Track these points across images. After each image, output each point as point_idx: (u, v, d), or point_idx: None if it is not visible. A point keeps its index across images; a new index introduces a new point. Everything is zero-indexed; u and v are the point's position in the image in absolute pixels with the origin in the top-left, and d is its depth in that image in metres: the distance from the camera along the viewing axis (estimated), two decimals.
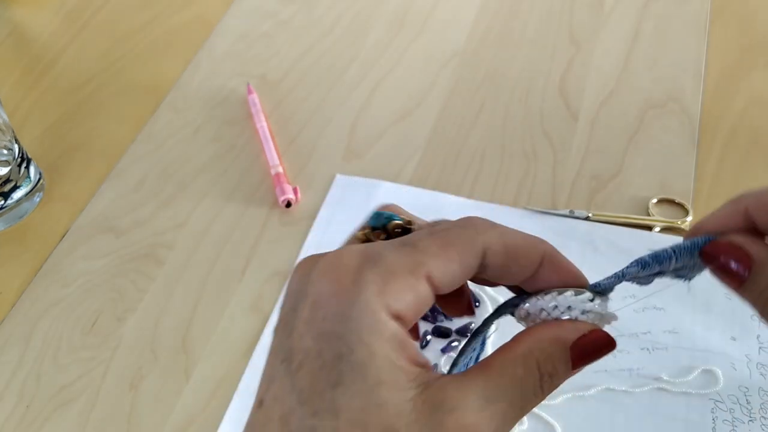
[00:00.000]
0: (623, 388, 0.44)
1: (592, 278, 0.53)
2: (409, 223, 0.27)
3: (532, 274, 0.26)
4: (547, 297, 0.26)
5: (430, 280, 0.23)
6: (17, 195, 0.56)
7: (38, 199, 0.58)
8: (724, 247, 0.26)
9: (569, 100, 0.62)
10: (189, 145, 0.61)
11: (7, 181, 0.55)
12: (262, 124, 0.61)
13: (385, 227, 0.27)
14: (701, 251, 0.27)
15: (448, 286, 0.24)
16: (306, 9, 0.72)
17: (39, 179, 0.58)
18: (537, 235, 0.27)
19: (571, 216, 0.53)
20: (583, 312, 0.26)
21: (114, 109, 0.65)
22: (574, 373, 0.25)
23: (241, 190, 0.58)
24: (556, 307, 0.26)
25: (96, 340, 0.50)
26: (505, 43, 0.68)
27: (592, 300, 0.26)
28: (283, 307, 0.24)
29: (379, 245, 0.24)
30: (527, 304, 0.26)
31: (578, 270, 0.27)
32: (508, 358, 0.24)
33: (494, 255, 0.25)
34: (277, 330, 0.24)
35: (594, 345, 0.25)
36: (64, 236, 0.56)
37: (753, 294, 0.25)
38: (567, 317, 0.25)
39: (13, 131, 0.56)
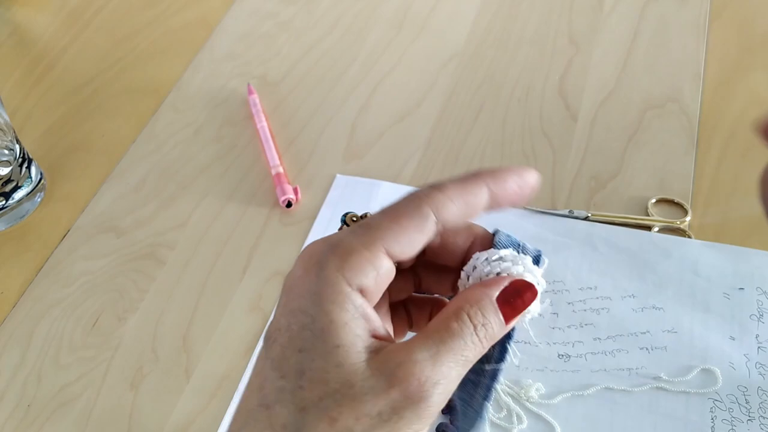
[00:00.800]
0: (622, 388, 0.45)
1: (595, 279, 0.53)
2: (365, 215, 0.31)
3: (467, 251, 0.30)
4: (470, 262, 0.29)
5: (388, 251, 0.26)
6: (18, 195, 0.56)
7: (39, 199, 0.58)
8: None
9: (569, 100, 0.62)
10: (190, 145, 0.61)
11: (9, 181, 0.55)
12: (263, 125, 0.61)
13: (345, 222, 0.31)
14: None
15: (408, 252, 0.27)
16: (306, 10, 0.73)
17: (40, 179, 0.58)
18: (533, 235, 0.29)
19: (571, 216, 0.54)
20: (501, 270, 0.29)
21: (115, 109, 0.65)
22: (509, 326, 0.27)
23: (242, 190, 0.58)
24: (474, 268, 0.29)
25: (97, 339, 0.50)
26: (505, 43, 0.68)
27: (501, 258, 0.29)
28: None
29: (341, 233, 0.27)
30: (460, 281, 0.29)
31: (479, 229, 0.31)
32: (441, 316, 0.26)
33: (445, 210, 0.27)
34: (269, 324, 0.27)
35: (515, 292, 0.27)
36: (65, 236, 0.56)
37: None
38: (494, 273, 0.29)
39: (15, 131, 0.57)
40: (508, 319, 0.27)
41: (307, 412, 0.24)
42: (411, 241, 0.26)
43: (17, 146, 0.56)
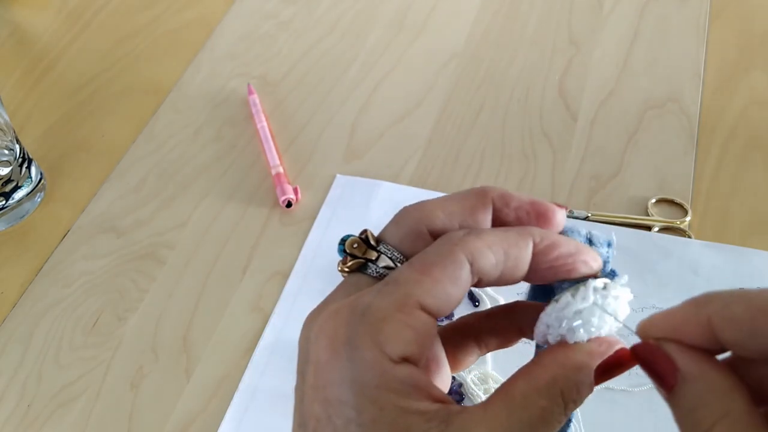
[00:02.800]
0: (622, 388, 0.45)
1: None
2: (364, 232, 0.26)
3: (530, 268, 0.24)
4: (551, 311, 0.24)
5: (424, 308, 0.23)
6: (18, 195, 0.56)
7: (39, 199, 0.58)
8: (650, 351, 0.23)
9: (569, 100, 0.62)
10: (190, 145, 0.61)
11: (9, 181, 0.55)
12: (263, 125, 0.61)
13: (344, 251, 0.26)
14: (632, 348, 0.24)
15: (446, 307, 0.23)
16: (306, 10, 0.73)
17: (40, 179, 0.58)
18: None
19: (571, 216, 0.54)
20: (592, 324, 0.24)
21: (115, 109, 0.65)
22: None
23: (242, 190, 0.58)
24: (563, 319, 0.24)
25: (97, 339, 0.50)
26: (505, 43, 0.68)
27: (598, 292, 0.25)
28: (298, 362, 0.24)
29: (365, 294, 0.23)
30: (537, 329, 0.25)
31: (578, 248, 0.25)
32: (531, 388, 0.23)
33: (482, 258, 0.23)
34: (296, 390, 0.24)
35: (617, 365, 0.24)
36: (65, 236, 0.56)
37: (679, 410, 0.22)
38: (581, 329, 0.24)
39: (15, 131, 0.57)
40: (597, 383, 0.24)
41: None
42: (447, 296, 0.23)
43: (17, 146, 0.56)
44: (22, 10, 0.76)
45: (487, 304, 0.49)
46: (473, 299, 0.49)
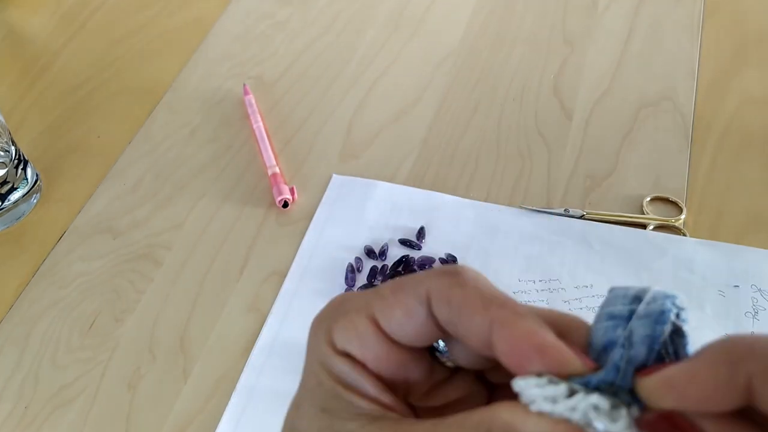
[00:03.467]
0: None
1: (590, 277, 0.53)
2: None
3: (489, 345, 0.22)
4: (517, 383, 0.20)
5: (373, 320, 0.23)
6: (14, 196, 0.56)
7: (35, 201, 0.58)
8: (680, 425, 0.19)
9: (563, 99, 0.63)
10: (186, 145, 0.61)
11: (4, 182, 0.55)
12: (259, 125, 0.61)
13: None
14: (644, 421, 0.19)
15: (398, 330, 0.23)
16: (302, 10, 0.73)
17: (36, 180, 0.58)
18: (529, 234, 0.25)
19: (566, 215, 0.54)
20: (576, 420, 0.19)
21: (111, 110, 0.65)
22: None
23: (238, 191, 0.58)
24: (527, 401, 0.20)
25: (94, 340, 0.50)
26: (500, 43, 0.68)
27: (573, 400, 0.19)
28: None
29: (362, 292, 0.25)
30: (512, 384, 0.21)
31: (551, 346, 0.21)
32: (455, 421, 0.21)
33: (437, 305, 0.22)
34: None
35: None
36: (61, 237, 0.56)
37: None
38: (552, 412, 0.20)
39: (10, 133, 0.57)
40: None
41: None
42: (399, 322, 0.23)
43: (13, 148, 0.56)
44: (17, 12, 0.75)
45: None
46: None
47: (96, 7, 0.75)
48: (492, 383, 0.25)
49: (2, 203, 0.56)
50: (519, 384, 0.20)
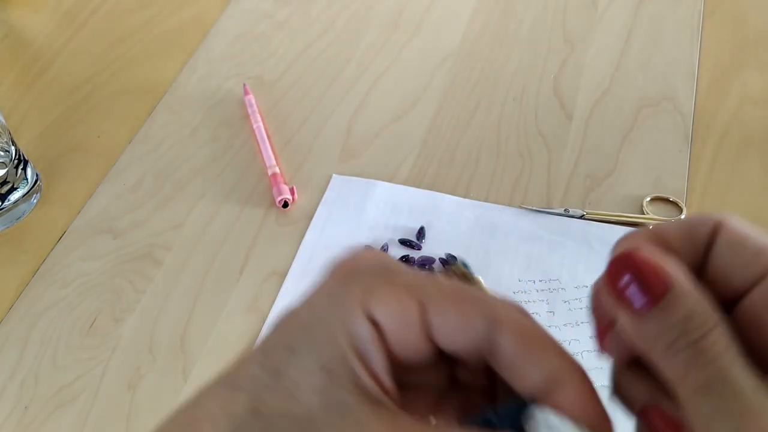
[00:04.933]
0: None
1: (590, 277, 0.53)
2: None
3: (544, 385, 0.22)
4: (547, 417, 0.21)
5: (423, 308, 0.22)
6: (14, 196, 0.56)
7: (35, 201, 0.58)
8: (641, 260, 0.21)
9: (563, 99, 0.63)
10: (186, 145, 0.61)
11: (4, 182, 0.55)
12: (259, 125, 0.61)
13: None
14: (618, 256, 0.22)
15: (445, 336, 0.22)
16: (302, 10, 0.73)
17: (36, 181, 0.58)
18: (529, 234, 0.25)
19: (566, 214, 0.54)
20: None
21: (111, 110, 0.65)
22: None
23: (238, 191, 0.58)
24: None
25: (94, 340, 0.50)
26: (500, 43, 0.68)
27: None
28: None
29: (404, 265, 0.24)
30: (535, 411, 0.22)
31: (606, 421, 0.22)
32: None
33: (507, 333, 0.22)
34: None
35: None
36: (61, 237, 0.56)
37: (666, 321, 0.20)
38: None
39: (10, 133, 0.57)
40: None
41: (257, 419, 0.21)
42: (451, 326, 0.22)
43: (13, 148, 0.56)
44: (17, 12, 0.75)
45: None
46: None
47: (96, 7, 0.75)
48: (459, 381, 0.25)
49: (2, 203, 0.56)
50: (548, 418, 0.21)
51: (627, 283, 0.21)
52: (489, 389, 0.25)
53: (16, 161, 0.56)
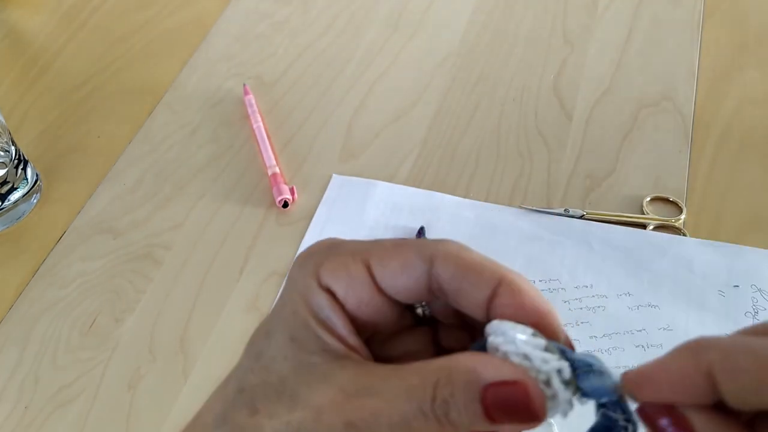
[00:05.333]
0: None
1: (590, 277, 0.53)
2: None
3: (488, 300, 0.24)
4: (498, 325, 0.23)
5: (367, 266, 0.24)
6: (14, 197, 0.56)
7: (35, 201, 0.58)
8: (664, 413, 0.21)
9: (563, 99, 0.63)
10: (186, 146, 0.61)
11: (4, 182, 0.55)
12: (259, 125, 0.61)
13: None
14: (640, 408, 0.21)
15: (390, 284, 0.24)
16: (302, 10, 0.73)
17: (36, 181, 0.58)
18: (529, 234, 0.27)
19: (566, 214, 0.54)
20: (539, 371, 0.22)
21: (111, 110, 0.65)
22: (497, 428, 0.22)
23: (238, 191, 0.58)
24: (503, 340, 0.22)
25: (94, 340, 0.50)
26: (500, 43, 0.68)
27: (548, 355, 0.22)
28: None
29: (364, 240, 0.26)
30: (486, 327, 0.23)
31: (550, 314, 0.23)
32: (416, 367, 0.23)
33: (443, 264, 0.24)
34: None
35: (508, 400, 0.21)
36: (61, 237, 0.56)
37: None
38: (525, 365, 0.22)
39: (10, 133, 0.57)
40: (492, 419, 0.21)
41: (241, 394, 0.24)
42: (394, 276, 0.24)
43: (13, 148, 0.56)
44: (17, 11, 0.75)
45: None
46: None
47: (96, 7, 0.75)
48: (443, 347, 0.27)
49: (2, 203, 0.56)
50: (499, 325, 0.23)
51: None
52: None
53: (16, 161, 0.56)
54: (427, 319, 0.27)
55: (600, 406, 0.23)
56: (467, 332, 0.27)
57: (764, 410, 0.19)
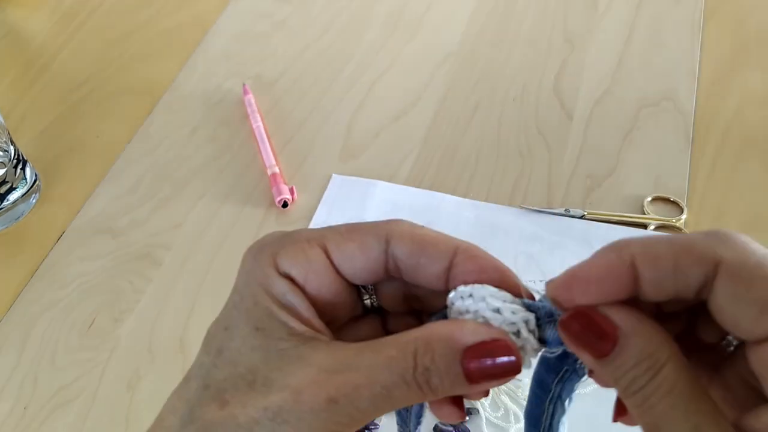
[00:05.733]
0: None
1: None
2: None
3: (446, 271, 0.25)
4: (463, 289, 0.24)
5: (325, 250, 0.25)
6: (13, 196, 0.56)
7: (34, 201, 0.58)
8: (585, 318, 0.22)
9: (564, 99, 0.62)
10: (185, 145, 0.61)
11: (3, 182, 0.55)
12: (258, 125, 0.61)
13: None
14: (563, 320, 0.22)
15: (349, 266, 0.25)
16: (301, 9, 0.73)
17: (35, 180, 0.58)
18: (529, 234, 0.27)
19: (567, 215, 0.54)
20: (510, 323, 0.23)
21: (110, 110, 0.65)
22: (475, 389, 0.23)
23: (238, 191, 0.58)
24: (472, 301, 0.24)
25: (93, 341, 0.50)
26: (500, 42, 0.68)
27: (516, 306, 0.24)
28: None
29: (318, 228, 0.27)
30: (450, 294, 0.25)
31: (508, 271, 0.25)
32: (391, 339, 0.23)
33: (399, 242, 0.25)
34: None
35: (491, 356, 0.23)
36: (60, 237, 0.56)
37: (619, 369, 0.21)
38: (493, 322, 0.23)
39: (9, 133, 0.56)
40: (473, 380, 0.23)
41: (207, 390, 0.24)
42: (352, 257, 0.25)
43: (12, 147, 0.56)
44: (17, 11, 0.75)
45: (481, 415, 0.44)
46: (467, 410, 0.44)
47: (95, 7, 0.75)
48: (392, 333, 0.27)
49: (1, 203, 0.56)
50: (465, 289, 0.24)
51: (573, 342, 0.22)
52: None
53: (15, 161, 0.56)
54: (374, 308, 0.28)
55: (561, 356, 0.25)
56: (414, 318, 0.28)
57: (676, 298, 0.22)
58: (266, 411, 0.22)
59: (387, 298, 0.27)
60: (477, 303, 0.24)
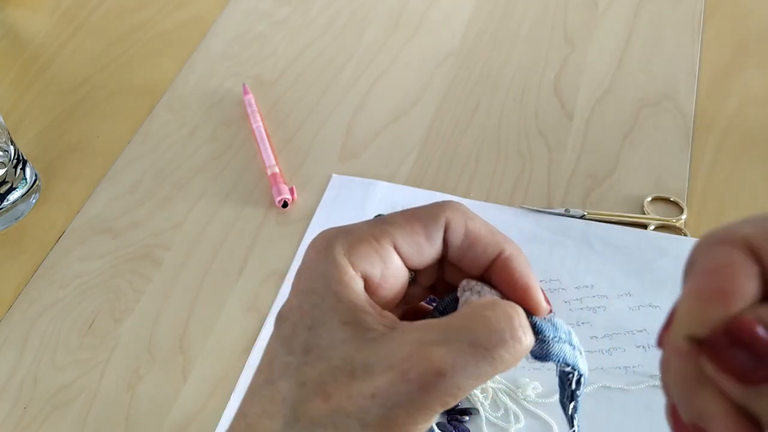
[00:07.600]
0: (619, 386, 0.45)
1: (591, 277, 0.53)
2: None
3: (486, 268, 0.27)
4: (467, 283, 0.27)
5: (395, 246, 0.26)
6: (13, 196, 0.56)
7: (34, 201, 0.58)
8: (747, 330, 0.18)
9: (564, 99, 0.62)
10: (185, 145, 0.61)
11: (3, 182, 0.55)
12: (258, 125, 0.61)
13: None
14: (726, 329, 0.18)
15: (417, 257, 0.26)
16: (301, 9, 0.72)
17: (35, 180, 0.58)
18: (530, 234, 0.28)
19: (567, 215, 0.54)
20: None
21: (110, 110, 0.65)
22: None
23: (238, 191, 0.58)
24: (478, 294, 0.26)
25: (93, 341, 0.50)
26: (500, 42, 0.68)
27: None
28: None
29: (356, 222, 0.27)
30: (463, 282, 0.27)
31: (535, 288, 0.26)
32: (474, 304, 0.25)
33: (453, 232, 0.26)
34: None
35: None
36: (60, 237, 0.56)
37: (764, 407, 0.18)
38: None
39: (9, 133, 0.56)
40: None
41: (305, 387, 0.24)
42: (419, 248, 0.26)
43: (12, 147, 0.56)
44: (16, 11, 0.75)
45: (482, 415, 0.44)
46: (468, 411, 0.45)
47: (95, 7, 0.75)
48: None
49: (1, 203, 0.56)
50: (468, 284, 0.27)
51: (735, 352, 0.18)
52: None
53: (15, 161, 0.56)
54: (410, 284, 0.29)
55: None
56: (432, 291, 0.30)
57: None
58: (375, 397, 0.23)
59: (425, 275, 0.28)
60: (473, 297, 0.26)
